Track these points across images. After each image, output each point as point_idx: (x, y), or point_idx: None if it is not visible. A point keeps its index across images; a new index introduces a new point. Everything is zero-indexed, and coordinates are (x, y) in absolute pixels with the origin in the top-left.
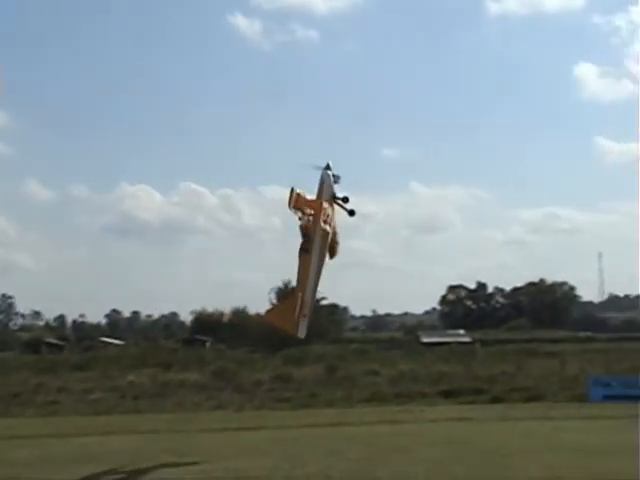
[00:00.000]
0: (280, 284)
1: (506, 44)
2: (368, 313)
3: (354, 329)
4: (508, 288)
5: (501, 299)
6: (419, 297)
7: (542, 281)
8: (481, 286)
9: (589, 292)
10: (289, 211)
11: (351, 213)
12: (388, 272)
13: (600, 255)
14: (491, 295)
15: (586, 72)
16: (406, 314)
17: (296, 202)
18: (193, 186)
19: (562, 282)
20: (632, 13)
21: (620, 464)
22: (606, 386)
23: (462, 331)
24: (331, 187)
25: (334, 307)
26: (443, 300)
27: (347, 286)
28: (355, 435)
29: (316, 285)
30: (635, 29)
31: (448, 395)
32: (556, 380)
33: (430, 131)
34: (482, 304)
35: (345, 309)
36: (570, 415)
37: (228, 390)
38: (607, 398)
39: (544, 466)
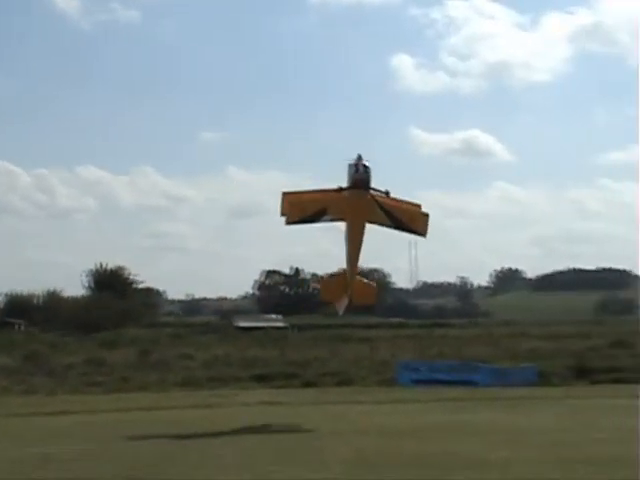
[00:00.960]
0: (93, 266)
1: (326, 33)
2: (184, 297)
3: (169, 313)
4: (323, 274)
5: (315, 284)
6: (235, 282)
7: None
8: (297, 271)
9: (402, 279)
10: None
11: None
12: (204, 256)
13: (411, 243)
14: (307, 280)
15: (402, 63)
16: (222, 299)
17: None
18: (7, 165)
19: (376, 269)
20: (448, 7)
21: (426, 445)
22: (414, 370)
23: (278, 316)
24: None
25: (149, 290)
26: (259, 285)
27: (162, 269)
28: (167, 419)
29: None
30: (450, 22)
31: (261, 379)
32: (367, 365)
33: (249, 115)
34: (298, 289)
35: (160, 293)
36: (379, 399)
37: (39, 374)
38: (415, 382)
39: (354, 449)
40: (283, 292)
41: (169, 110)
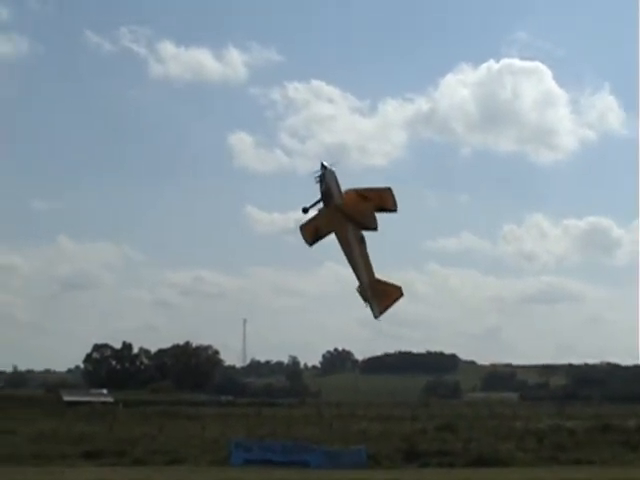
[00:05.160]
0: None
1: (165, 107)
2: (9, 369)
3: None
4: (154, 349)
5: (146, 360)
6: (63, 354)
7: (187, 344)
8: (127, 346)
9: (232, 356)
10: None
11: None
12: (31, 327)
13: (245, 321)
14: (136, 355)
15: (241, 141)
16: (49, 371)
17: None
18: None
19: (207, 346)
20: (288, 89)
21: None
22: (247, 450)
23: (105, 391)
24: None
25: None
26: (87, 358)
27: None
28: None
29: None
30: (289, 104)
31: (90, 456)
32: (197, 443)
33: (82, 186)
34: (127, 364)
35: None
36: (211, 479)
37: None
38: (248, 462)
39: None
40: (112, 366)
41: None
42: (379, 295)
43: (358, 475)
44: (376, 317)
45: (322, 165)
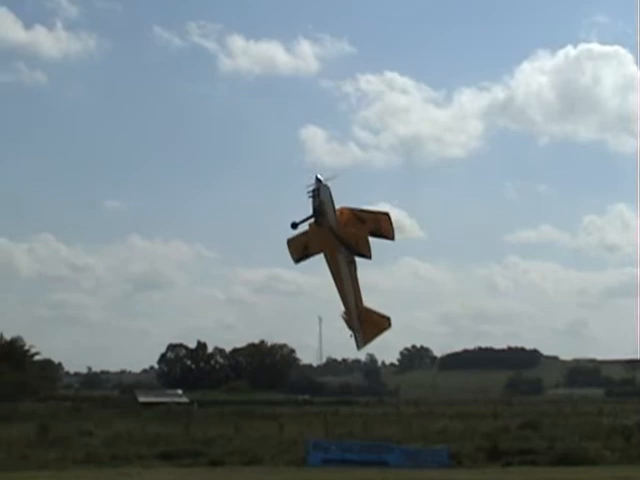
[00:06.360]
0: None
1: (236, 102)
2: (83, 370)
3: (68, 386)
4: (228, 349)
5: (221, 359)
6: (137, 355)
7: (262, 343)
8: (201, 346)
9: (308, 355)
10: None
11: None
12: (105, 328)
13: (320, 319)
14: (211, 355)
15: (312, 135)
16: (123, 372)
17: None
18: None
19: (282, 344)
20: (360, 81)
21: None
22: (325, 450)
23: (180, 391)
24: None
25: (46, 363)
26: (162, 359)
27: (61, 341)
28: None
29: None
30: (362, 96)
31: (166, 457)
32: (274, 443)
33: (154, 184)
34: (201, 364)
35: (58, 365)
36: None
37: None
38: (326, 462)
39: None
40: (187, 366)
41: (71, 176)
42: (366, 324)
43: (441, 475)
44: (359, 348)
45: (317, 179)
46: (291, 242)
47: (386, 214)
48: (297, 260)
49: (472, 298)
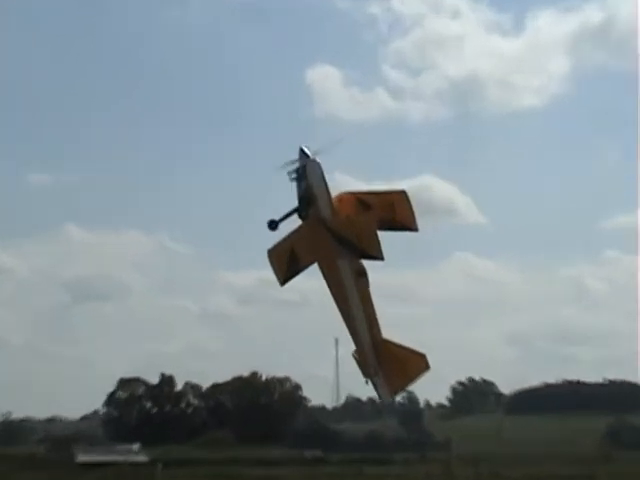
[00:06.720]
0: None
1: (215, 30)
2: None
3: None
4: (206, 385)
5: (195, 400)
6: (75, 395)
7: (255, 375)
8: (167, 380)
9: (320, 392)
10: None
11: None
12: (28, 356)
13: (337, 340)
14: (181, 394)
15: (324, 77)
16: (54, 419)
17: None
18: None
19: (283, 378)
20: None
21: None
22: None
23: (136, 446)
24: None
25: None
26: (110, 399)
27: None
28: None
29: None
30: (396, 21)
31: None
32: None
33: (97, 151)
34: (167, 407)
35: None
36: None
37: None
38: None
39: None
40: (145, 410)
41: None
42: (390, 365)
43: None
44: (385, 400)
45: (301, 152)
46: (272, 253)
47: (401, 193)
48: (283, 281)
49: (553, 309)
